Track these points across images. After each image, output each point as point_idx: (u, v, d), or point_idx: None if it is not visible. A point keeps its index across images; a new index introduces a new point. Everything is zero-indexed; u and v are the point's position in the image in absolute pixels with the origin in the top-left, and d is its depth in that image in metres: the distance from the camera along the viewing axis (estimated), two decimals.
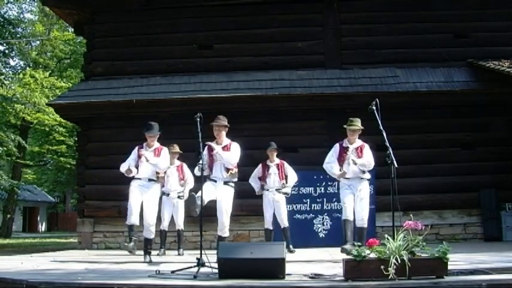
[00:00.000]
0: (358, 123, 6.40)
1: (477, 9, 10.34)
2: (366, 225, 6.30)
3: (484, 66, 9.56)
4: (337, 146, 6.56)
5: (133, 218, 6.39)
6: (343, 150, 6.43)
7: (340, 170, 6.40)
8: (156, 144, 6.64)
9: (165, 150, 6.67)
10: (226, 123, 6.27)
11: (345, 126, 6.49)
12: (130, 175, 6.48)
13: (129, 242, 6.43)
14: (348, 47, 10.39)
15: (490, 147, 9.84)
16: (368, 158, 6.34)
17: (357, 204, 6.29)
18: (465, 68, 9.98)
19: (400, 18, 10.39)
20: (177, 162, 7.95)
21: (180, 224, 7.95)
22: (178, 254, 7.70)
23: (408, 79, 9.83)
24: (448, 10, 10.33)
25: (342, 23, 10.47)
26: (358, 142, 6.47)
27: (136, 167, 6.49)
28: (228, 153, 6.14)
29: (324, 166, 6.59)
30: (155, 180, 6.56)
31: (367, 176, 6.44)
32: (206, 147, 6.19)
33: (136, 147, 6.64)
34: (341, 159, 6.43)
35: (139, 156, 6.48)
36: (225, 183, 6.20)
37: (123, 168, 6.49)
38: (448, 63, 10.03)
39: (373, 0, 10.52)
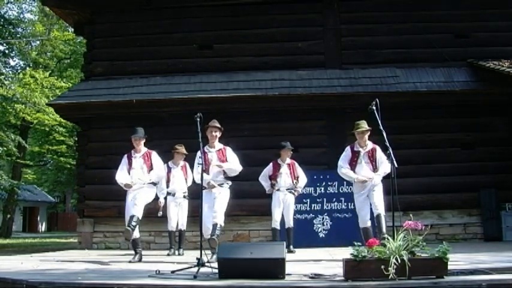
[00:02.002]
0: (364, 125, 6.29)
1: (477, 9, 10.34)
2: (382, 212, 6.09)
3: (484, 66, 9.55)
4: (348, 149, 6.43)
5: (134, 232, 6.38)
6: (355, 154, 6.34)
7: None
8: (144, 149, 6.66)
9: (154, 154, 6.66)
10: (220, 127, 6.32)
11: (352, 131, 6.39)
12: (128, 188, 6.47)
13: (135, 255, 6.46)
14: (348, 47, 10.38)
15: (490, 147, 9.83)
16: (383, 167, 6.19)
17: (371, 197, 6.19)
18: (465, 68, 9.98)
19: (400, 18, 10.38)
20: (182, 163, 7.98)
21: (183, 223, 7.95)
22: (179, 254, 7.70)
23: (408, 79, 9.83)
24: (448, 10, 10.33)
25: (342, 23, 10.47)
26: (369, 145, 6.36)
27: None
28: (232, 164, 6.23)
29: (339, 171, 6.43)
30: (150, 183, 6.59)
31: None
32: (199, 152, 6.21)
33: (125, 155, 6.67)
34: (352, 163, 6.33)
35: (129, 164, 6.55)
36: (221, 185, 6.25)
37: (122, 180, 6.47)
38: (448, 63, 10.03)
39: (373, 0, 10.52)
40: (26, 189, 23.72)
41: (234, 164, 6.27)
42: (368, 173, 6.23)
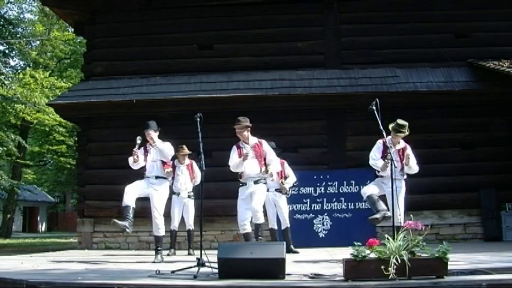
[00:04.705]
0: (406, 130, 6.18)
1: (477, 9, 10.34)
2: (403, 223, 5.88)
3: (484, 66, 9.56)
4: (380, 143, 6.26)
5: (126, 198, 6.23)
6: (386, 150, 6.12)
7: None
8: (158, 141, 6.57)
9: (167, 144, 6.58)
10: (246, 124, 6.29)
11: (391, 126, 6.22)
12: (137, 163, 6.38)
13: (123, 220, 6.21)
14: (348, 47, 10.38)
15: (490, 147, 9.84)
16: (412, 164, 6.25)
17: (392, 201, 6.11)
18: (465, 68, 9.98)
19: (400, 18, 10.38)
20: (187, 161, 7.97)
21: (190, 223, 7.92)
22: (189, 254, 7.64)
23: (408, 79, 9.83)
24: (448, 10, 10.34)
25: (342, 23, 10.47)
26: (401, 143, 6.32)
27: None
28: (274, 165, 6.33)
29: (371, 163, 6.31)
30: (164, 178, 6.53)
31: (404, 176, 6.31)
32: (234, 146, 6.31)
33: (142, 148, 6.58)
34: (383, 157, 6.21)
35: (146, 152, 6.47)
36: (256, 182, 6.21)
37: (131, 159, 6.42)
38: (448, 63, 10.03)
39: (373, 0, 10.52)
40: (26, 189, 23.71)
41: (274, 162, 6.35)
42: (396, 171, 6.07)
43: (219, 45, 10.57)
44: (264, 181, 6.30)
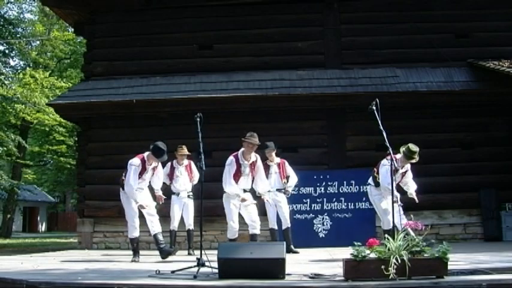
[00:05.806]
0: (417, 156, 6.35)
1: (477, 9, 10.34)
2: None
3: (484, 66, 9.55)
4: (388, 164, 6.15)
5: (136, 231, 6.79)
6: (394, 171, 6.16)
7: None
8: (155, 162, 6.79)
9: (159, 166, 6.90)
10: (258, 143, 6.41)
11: (402, 150, 6.36)
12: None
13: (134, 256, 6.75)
14: (348, 47, 10.38)
15: (490, 147, 9.83)
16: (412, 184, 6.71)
17: (393, 205, 6.23)
18: (465, 68, 9.97)
19: (400, 18, 10.37)
20: (186, 162, 7.97)
21: (190, 223, 7.91)
22: (189, 254, 7.64)
23: (408, 79, 9.82)
24: (448, 10, 10.33)
25: (342, 23, 10.47)
26: (406, 166, 6.58)
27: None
28: (266, 183, 6.75)
29: (388, 187, 6.14)
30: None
31: None
32: (233, 160, 6.37)
33: (140, 163, 6.57)
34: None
35: (141, 174, 6.63)
36: (245, 191, 6.50)
37: (141, 201, 6.60)
38: (448, 63, 10.02)
39: (373, 0, 10.51)
40: (26, 189, 23.72)
41: (263, 182, 6.67)
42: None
43: (219, 45, 10.57)
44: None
